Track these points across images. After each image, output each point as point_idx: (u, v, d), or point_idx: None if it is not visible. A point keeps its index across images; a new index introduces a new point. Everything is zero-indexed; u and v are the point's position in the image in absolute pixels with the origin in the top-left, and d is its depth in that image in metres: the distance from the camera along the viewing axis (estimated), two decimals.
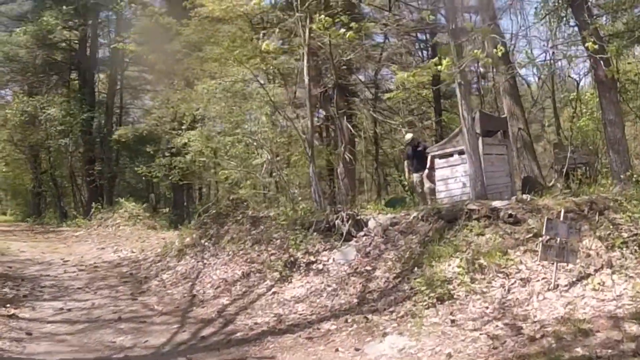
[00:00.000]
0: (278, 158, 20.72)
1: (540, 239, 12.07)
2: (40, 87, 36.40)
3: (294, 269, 14.99)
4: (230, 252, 17.32)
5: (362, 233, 15.28)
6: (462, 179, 16.89)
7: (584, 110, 25.36)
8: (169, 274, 17.86)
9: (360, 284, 13.37)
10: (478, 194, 14.93)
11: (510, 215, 13.19)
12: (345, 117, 26.79)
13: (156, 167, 25.61)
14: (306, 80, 18.03)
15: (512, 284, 11.47)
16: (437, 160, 17.65)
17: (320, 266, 14.77)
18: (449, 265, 12.41)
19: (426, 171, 18.44)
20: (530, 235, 12.65)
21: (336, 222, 15.48)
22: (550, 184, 19.98)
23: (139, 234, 26.13)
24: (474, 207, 13.80)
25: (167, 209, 35.86)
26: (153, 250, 21.55)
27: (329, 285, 13.73)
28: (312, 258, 15.12)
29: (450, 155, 17.45)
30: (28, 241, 26.84)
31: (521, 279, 11.49)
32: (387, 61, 33.50)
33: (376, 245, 14.68)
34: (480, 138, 16.48)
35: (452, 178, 17.26)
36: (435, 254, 12.83)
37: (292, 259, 15.23)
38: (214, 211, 19.68)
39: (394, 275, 13.15)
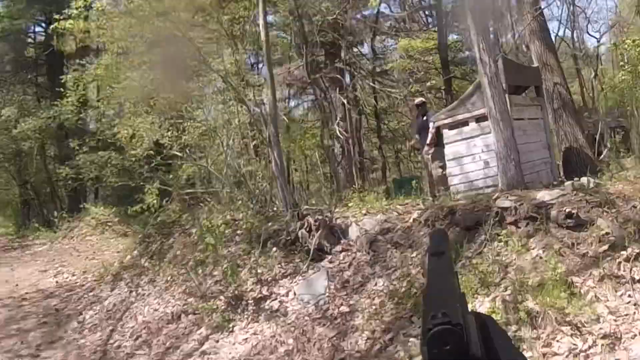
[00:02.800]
0: (241, 144, 15.00)
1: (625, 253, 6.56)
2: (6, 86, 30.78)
3: (239, 309, 9.42)
4: (169, 277, 11.89)
5: (338, 247, 9.75)
6: (484, 157, 11.23)
7: (622, 63, 19.25)
8: (95, 311, 12.91)
9: (329, 341, 7.87)
10: (511, 179, 9.30)
11: (569, 215, 7.58)
12: (337, 89, 21.08)
13: (85, 166, 19.39)
14: (262, 33, 12.27)
15: (591, 346, 5.91)
16: (446, 132, 11.84)
17: (276, 304, 9.30)
18: (473, 308, 6.63)
19: (429, 149, 12.50)
20: (606, 246, 7.05)
21: (300, 232, 9.76)
22: (602, 157, 14.08)
23: (98, 247, 20.67)
24: (508, 204, 8.19)
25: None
26: (97, 270, 16.07)
27: (282, 342, 8.33)
28: (265, 291, 9.59)
29: (464, 123, 11.72)
30: None
31: (603, 336, 6.10)
32: (389, 30, 27.98)
33: (358, 268, 9.15)
34: (506, 96, 10.73)
35: (468, 156, 11.55)
36: None
37: (237, 291, 9.56)
38: (159, 219, 14.03)
39: (383, 326, 7.53)
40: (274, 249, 10.31)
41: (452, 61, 28.39)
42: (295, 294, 9.21)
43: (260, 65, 24.10)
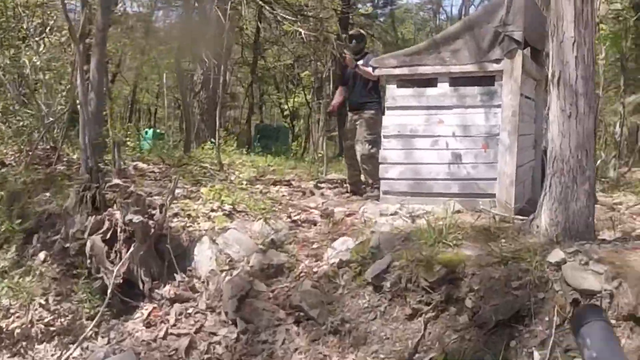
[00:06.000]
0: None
1: None
2: None
3: None
4: None
5: (169, 289, 4.23)
6: (456, 145, 6.29)
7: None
8: None
9: None
10: (578, 217, 4.29)
11: None
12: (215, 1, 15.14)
13: None
14: None
15: None
16: (392, 90, 6.67)
17: None
18: None
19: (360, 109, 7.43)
20: None
21: (91, 240, 4.14)
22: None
23: None
24: (593, 284, 3.67)
25: None
26: None
27: None
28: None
29: (430, 81, 6.62)
30: None
31: None
32: None
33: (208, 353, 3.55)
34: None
35: (425, 137, 6.44)
36: None
37: None
38: None
39: None
40: (43, 255, 4.72)
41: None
42: None
43: None
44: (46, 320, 4.33)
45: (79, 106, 5.98)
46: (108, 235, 4.38)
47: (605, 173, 9.44)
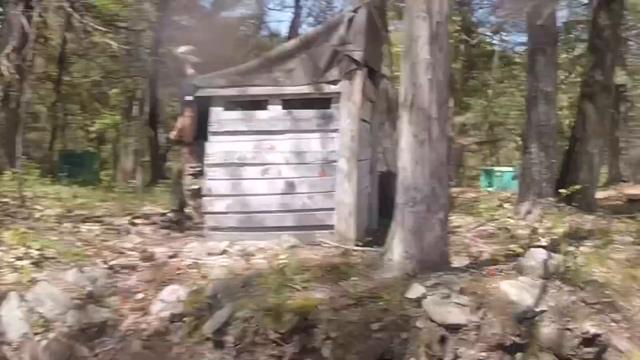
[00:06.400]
0: None
1: None
2: None
3: None
4: None
5: None
6: (288, 174, 6.10)
7: None
8: None
9: None
10: (432, 247, 4.29)
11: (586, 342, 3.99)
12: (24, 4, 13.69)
13: None
14: None
15: None
16: (217, 114, 6.32)
17: None
18: None
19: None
20: None
21: None
22: None
23: None
24: (459, 317, 3.73)
25: None
26: None
27: None
28: None
29: (260, 104, 6.34)
30: None
31: None
32: None
33: None
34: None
35: (254, 165, 6.17)
36: None
37: None
38: None
39: None
40: None
41: None
42: None
43: None
44: None
45: None
46: None
47: None
